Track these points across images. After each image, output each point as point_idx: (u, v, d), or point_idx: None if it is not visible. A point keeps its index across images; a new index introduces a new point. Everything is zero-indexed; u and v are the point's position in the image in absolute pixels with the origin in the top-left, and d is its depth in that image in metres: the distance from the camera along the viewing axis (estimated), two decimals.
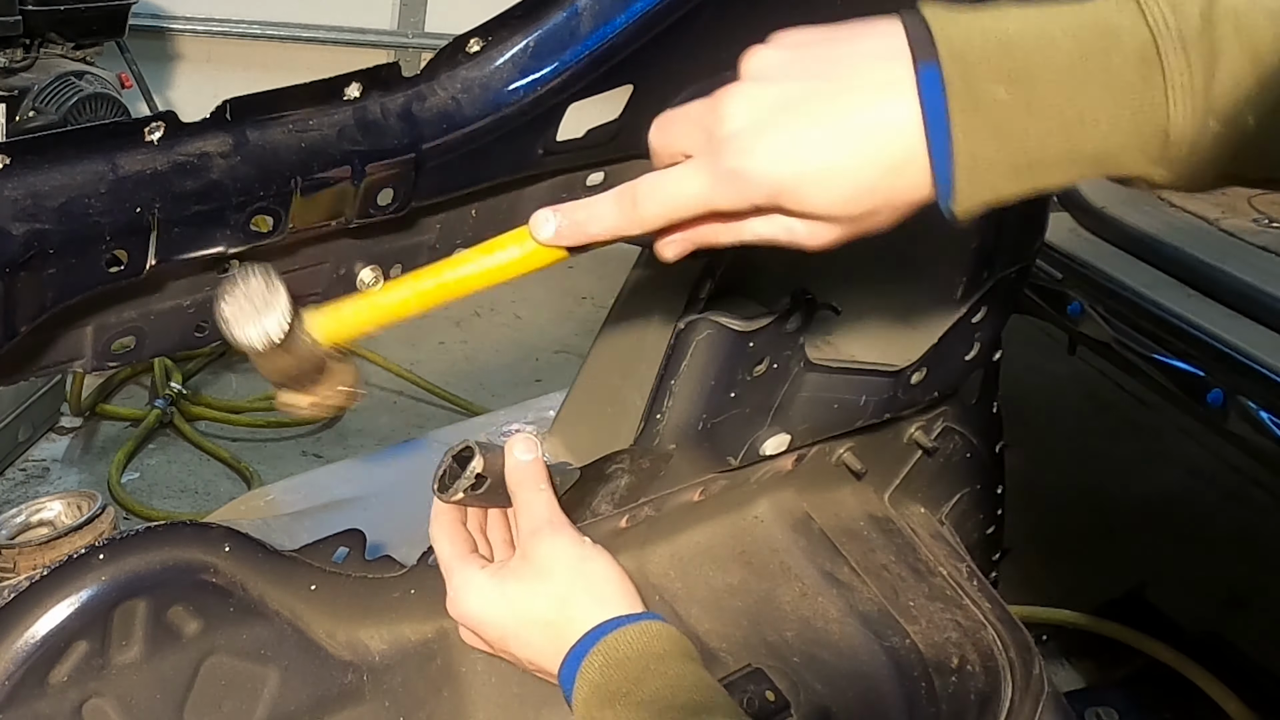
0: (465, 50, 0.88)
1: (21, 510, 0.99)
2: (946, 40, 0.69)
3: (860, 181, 0.71)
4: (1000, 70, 0.68)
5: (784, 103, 0.72)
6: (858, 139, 0.71)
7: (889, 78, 0.70)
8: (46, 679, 0.86)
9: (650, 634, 0.93)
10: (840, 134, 0.71)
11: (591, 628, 0.93)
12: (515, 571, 0.97)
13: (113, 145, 0.78)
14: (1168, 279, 1.88)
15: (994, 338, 1.35)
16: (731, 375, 1.13)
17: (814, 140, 0.71)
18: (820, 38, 0.75)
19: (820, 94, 0.72)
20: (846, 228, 0.74)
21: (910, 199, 0.73)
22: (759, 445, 1.20)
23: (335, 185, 0.84)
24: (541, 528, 0.97)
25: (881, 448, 1.35)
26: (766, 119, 0.72)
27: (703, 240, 0.79)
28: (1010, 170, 0.70)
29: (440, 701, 1.07)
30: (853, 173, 0.71)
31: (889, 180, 0.71)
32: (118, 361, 0.88)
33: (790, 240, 0.75)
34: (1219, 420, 1.70)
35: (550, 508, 0.98)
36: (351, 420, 3.62)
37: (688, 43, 0.92)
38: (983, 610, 1.31)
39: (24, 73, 3.44)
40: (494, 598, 0.96)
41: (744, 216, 0.76)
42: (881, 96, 0.71)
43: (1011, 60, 0.68)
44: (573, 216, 0.80)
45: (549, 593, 0.95)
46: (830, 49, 0.74)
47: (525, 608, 0.95)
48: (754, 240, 0.77)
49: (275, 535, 1.01)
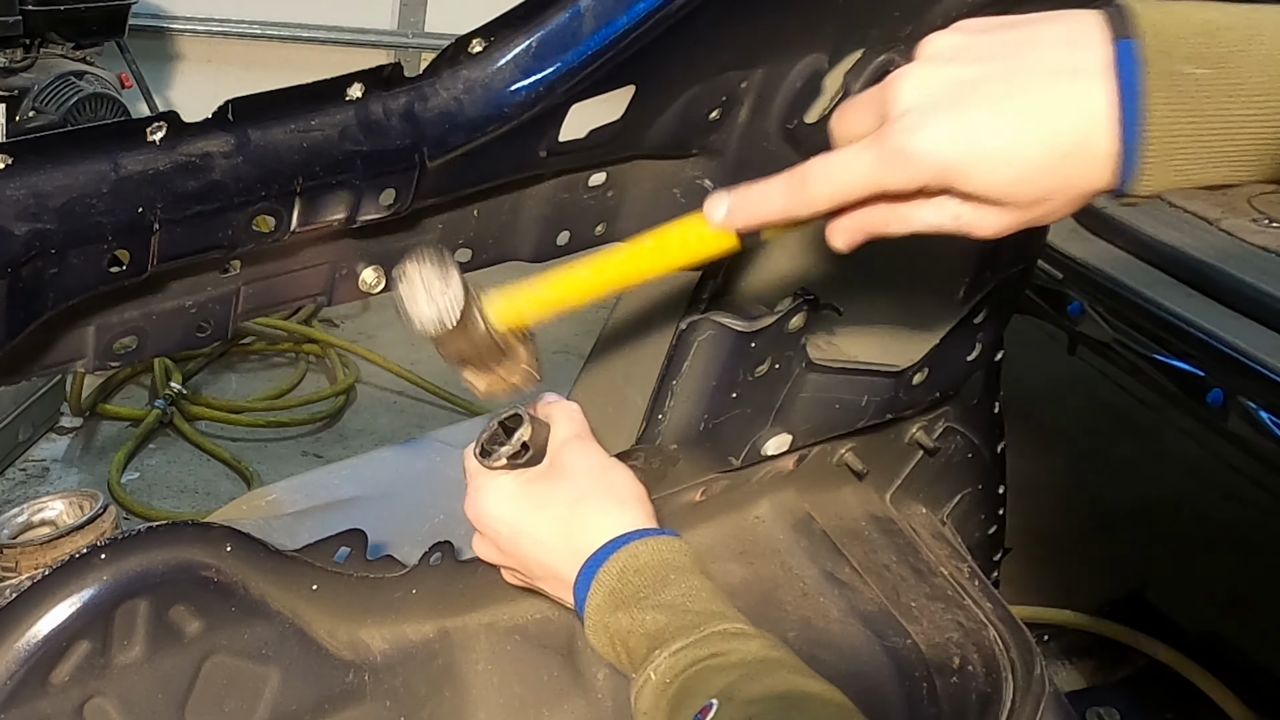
0: (467, 50, 0.88)
1: (23, 510, 0.98)
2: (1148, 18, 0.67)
3: (1033, 164, 0.70)
4: (1202, 52, 0.66)
5: (957, 83, 0.72)
6: (1032, 120, 0.70)
7: (1075, 63, 0.69)
8: (48, 678, 0.86)
9: (672, 547, 0.94)
10: (1013, 115, 0.70)
11: (610, 538, 0.94)
12: (538, 473, 0.99)
13: (115, 145, 0.78)
14: (1168, 279, 1.88)
15: (996, 338, 1.35)
16: (733, 375, 1.13)
17: (985, 120, 0.71)
18: (1002, 24, 0.74)
19: (995, 75, 0.71)
20: (1017, 215, 0.73)
21: (1086, 187, 0.71)
22: (760, 445, 1.20)
23: (337, 185, 0.84)
24: (571, 440, 1.00)
25: (883, 448, 1.35)
26: (938, 99, 0.72)
27: (873, 229, 0.78)
28: (1204, 154, 0.68)
29: (442, 701, 1.07)
30: (1025, 155, 0.70)
31: (1066, 164, 0.70)
32: (119, 361, 0.87)
33: (958, 228, 0.75)
34: (1219, 420, 1.70)
35: (582, 426, 1.01)
36: (351, 420, 3.62)
37: (690, 43, 0.92)
38: (984, 610, 1.31)
39: (24, 73, 3.45)
40: (513, 492, 0.98)
41: (912, 199, 0.75)
42: (1064, 79, 0.70)
43: (1215, 44, 0.67)
44: (744, 198, 0.81)
45: (568, 489, 0.97)
46: (1012, 33, 0.73)
47: (543, 502, 0.97)
48: (923, 229, 0.76)
49: (277, 535, 1.01)
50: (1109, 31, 0.69)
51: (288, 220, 0.83)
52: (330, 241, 0.90)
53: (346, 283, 0.94)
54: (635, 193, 1.02)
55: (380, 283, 0.94)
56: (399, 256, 0.94)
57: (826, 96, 1.00)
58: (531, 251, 1.01)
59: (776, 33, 0.95)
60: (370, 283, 0.94)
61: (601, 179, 0.99)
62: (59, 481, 3.19)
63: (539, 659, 1.11)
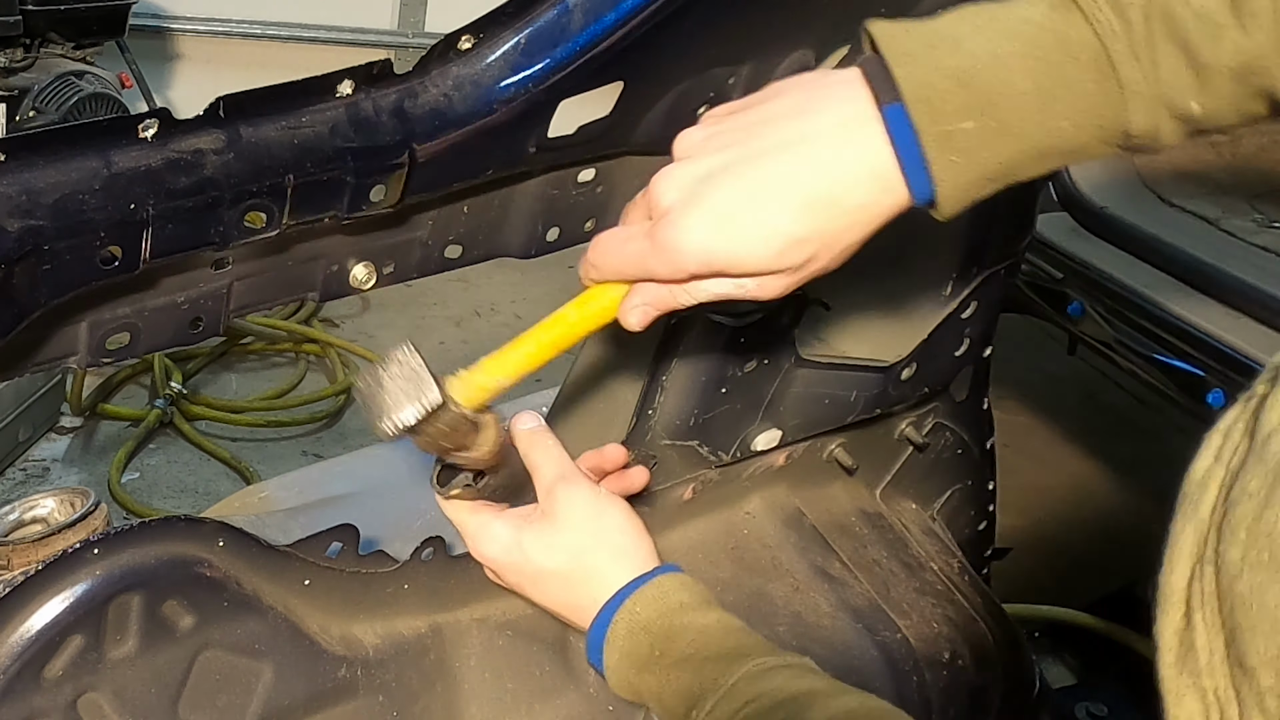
0: (457, 47, 0.89)
1: (15, 508, 0.99)
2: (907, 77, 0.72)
3: (788, 234, 0.74)
4: (967, 104, 0.71)
5: (706, 176, 0.76)
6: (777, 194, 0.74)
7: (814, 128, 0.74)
8: (41, 673, 0.86)
9: (667, 589, 0.94)
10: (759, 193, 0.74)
11: (609, 597, 0.95)
12: (532, 523, 0.99)
13: (107, 142, 0.78)
14: (1168, 279, 1.88)
15: (984, 334, 1.35)
16: (723, 371, 1.13)
17: (735, 206, 0.74)
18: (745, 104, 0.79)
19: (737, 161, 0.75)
20: (794, 275, 0.77)
21: (850, 239, 0.76)
22: (750, 441, 1.20)
23: (328, 181, 0.85)
24: (556, 482, 0.99)
25: (873, 443, 1.36)
26: (690, 194, 0.75)
27: (663, 306, 0.82)
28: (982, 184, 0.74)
29: (434, 696, 1.07)
30: (777, 228, 0.74)
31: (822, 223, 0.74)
32: (112, 358, 0.88)
33: (745, 295, 0.78)
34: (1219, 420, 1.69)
35: (562, 461, 1.00)
36: (352, 420, 3.62)
37: (678, 39, 0.92)
38: (974, 605, 1.31)
39: (24, 73, 3.45)
40: (510, 545, 0.98)
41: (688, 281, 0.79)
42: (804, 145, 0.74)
43: (974, 92, 0.71)
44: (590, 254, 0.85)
45: (566, 545, 0.97)
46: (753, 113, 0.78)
47: (542, 560, 0.97)
48: (710, 299, 0.80)
49: (269, 531, 1.02)
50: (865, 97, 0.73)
51: (279, 216, 0.84)
52: (321, 237, 0.91)
53: (337, 278, 0.94)
54: (624, 189, 1.02)
55: (371, 278, 0.95)
56: (390, 252, 0.95)
57: None
58: (521, 248, 1.01)
59: (763, 28, 0.96)
60: (361, 278, 0.95)
61: (591, 175, 1.00)
62: (59, 481, 3.19)
63: (531, 654, 1.12)
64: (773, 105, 0.77)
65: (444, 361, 0.94)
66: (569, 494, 0.98)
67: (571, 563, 0.97)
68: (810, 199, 0.73)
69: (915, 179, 0.73)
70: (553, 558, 0.97)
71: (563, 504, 0.98)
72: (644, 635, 0.92)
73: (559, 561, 0.97)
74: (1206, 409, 1.71)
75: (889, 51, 0.72)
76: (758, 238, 0.74)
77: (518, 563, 0.98)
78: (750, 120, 0.77)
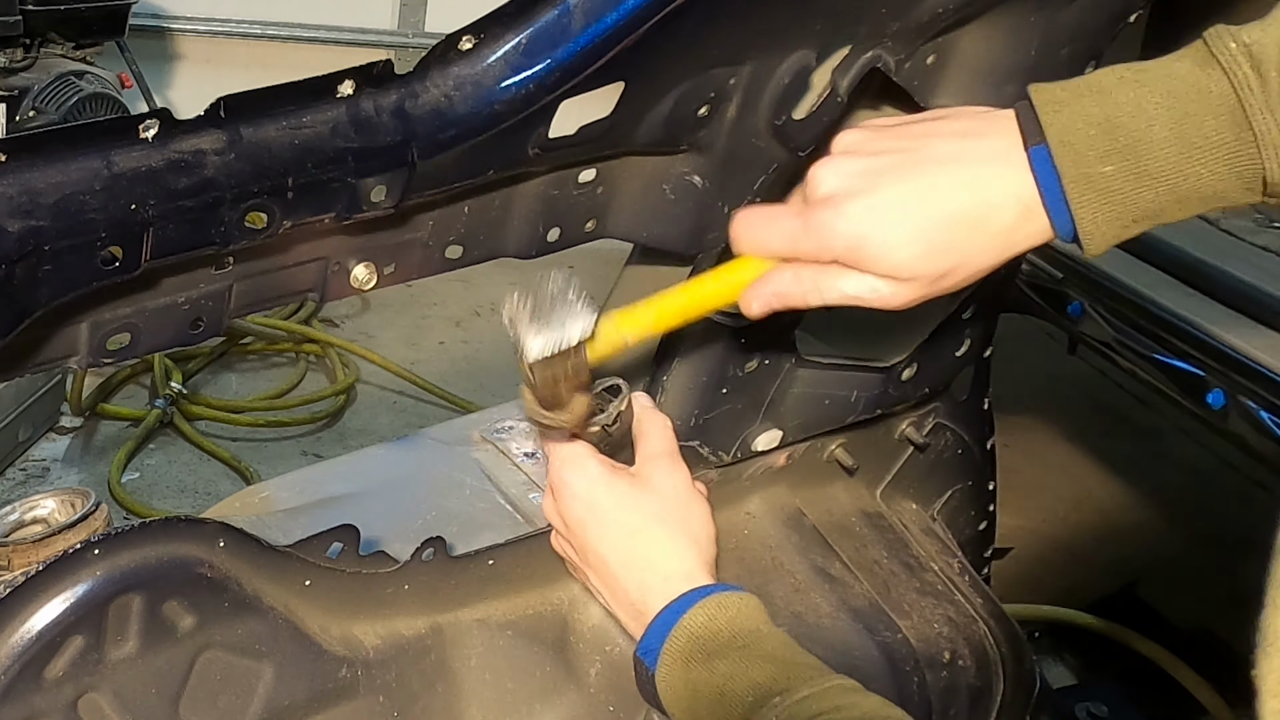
0: (457, 48, 0.88)
1: (15, 508, 0.99)
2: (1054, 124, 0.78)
3: (934, 243, 0.80)
4: (1108, 149, 0.77)
5: (866, 171, 0.82)
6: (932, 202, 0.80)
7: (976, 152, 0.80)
8: (42, 674, 0.86)
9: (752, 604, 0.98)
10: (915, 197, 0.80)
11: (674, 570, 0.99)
12: (627, 476, 1.03)
13: (108, 142, 0.78)
14: (1168, 279, 1.88)
15: (984, 334, 1.35)
16: (723, 371, 1.13)
17: (891, 202, 0.80)
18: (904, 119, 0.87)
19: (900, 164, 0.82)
20: (925, 287, 0.82)
21: (987, 261, 0.82)
22: (751, 441, 1.20)
23: (329, 182, 0.85)
24: (661, 455, 1.04)
25: (873, 444, 1.36)
26: (852, 184, 0.82)
27: (789, 301, 0.87)
28: (1126, 224, 0.79)
29: (434, 696, 1.07)
30: (927, 235, 0.80)
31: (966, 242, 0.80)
32: (113, 358, 0.88)
33: (875, 297, 0.83)
34: (1219, 420, 1.70)
35: (672, 441, 1.06)
36: (351, 420, 3.62)
37: (679, 40, 0.92)
38: (974, 605, 1.31)
39: (24, 73, 3.45)
40: (596, 481, 1.02)
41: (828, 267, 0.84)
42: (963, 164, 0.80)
43: (1117, 140, 0.77)
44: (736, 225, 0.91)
45: (649, 507, 1.01)
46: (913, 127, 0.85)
47: (619, 510, 1.01)
48: (840, 300, 0.85)
49: (270, 531, 1.02)
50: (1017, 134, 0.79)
51: (279, 216, 0.84)
52: (322, 238, 0.91)
53: (338, 278, 0.94)
54: (625, 189, 1.02)
55: (372, 278, 0.95)
56: (390, 252, 0.95)
57: (814, 92, 1.00)
58: (522, 248, 1.01)
59: (765, 29, 0.96)
60: (362, 279, 0.95)
61: (591, 175, 1.00)
62: (59, 481, 3.19)
63: (531, 654, 1.12)
64: (937, 123, 0.83)
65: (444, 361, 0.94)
66: (670, 468, 1.04)
67: (646, 526, 1.00)
68: (961, 213, 0.79)
69: (1057, 214, 0.78)
70: (631, 514, 1.00)
71: (660, 475, 1.03)
72: (727, 626, 0.95)
73: (635, 520, 1.00)
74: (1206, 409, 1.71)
75: (1039, 100, 0.79)
76: (908, 237, 0.80)
77: (595, 502, 1.01)
78: (915, 131, 0.83)
